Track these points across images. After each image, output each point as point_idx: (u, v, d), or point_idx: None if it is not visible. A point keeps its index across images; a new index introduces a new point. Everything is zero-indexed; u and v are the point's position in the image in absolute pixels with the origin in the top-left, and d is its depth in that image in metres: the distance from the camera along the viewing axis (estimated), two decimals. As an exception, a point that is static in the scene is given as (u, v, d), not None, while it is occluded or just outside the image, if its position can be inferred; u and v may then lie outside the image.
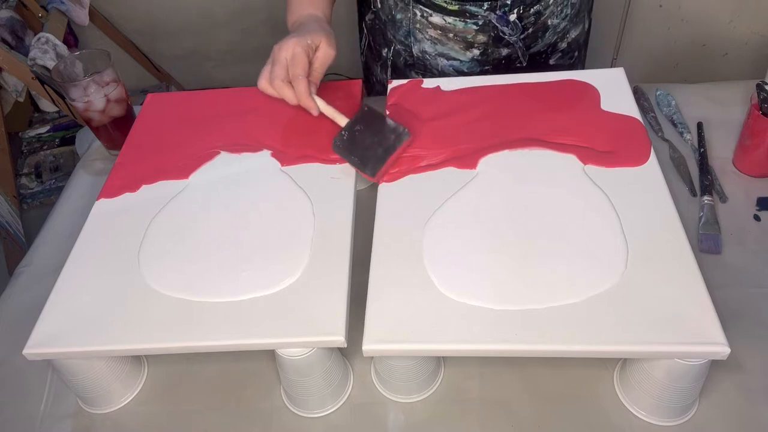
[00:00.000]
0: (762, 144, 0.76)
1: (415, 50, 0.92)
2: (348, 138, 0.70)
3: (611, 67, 0.82)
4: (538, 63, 0.93)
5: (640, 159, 0.67)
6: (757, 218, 0.75)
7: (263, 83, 0.73)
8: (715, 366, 0.56)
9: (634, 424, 0.59)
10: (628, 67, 0.80)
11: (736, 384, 0.60)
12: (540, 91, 0.77)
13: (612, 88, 0.76)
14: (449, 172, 0.68)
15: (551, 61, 0.95)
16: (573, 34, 0.94)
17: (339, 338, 0.55)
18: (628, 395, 0.60)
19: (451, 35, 0.88)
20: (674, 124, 0.87)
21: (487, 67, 0.92)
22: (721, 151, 0.83)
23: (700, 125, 0.86)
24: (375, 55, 1.00)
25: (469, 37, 0.88)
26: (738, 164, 0.81)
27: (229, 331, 0.57)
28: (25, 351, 0.58)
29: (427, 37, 0.89)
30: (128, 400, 0.66)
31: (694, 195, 0.78)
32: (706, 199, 0.76)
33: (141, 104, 0.87)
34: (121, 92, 0.89)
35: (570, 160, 0.68)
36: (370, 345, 0.55)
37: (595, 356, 0.60)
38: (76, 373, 0.61)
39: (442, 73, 0.93)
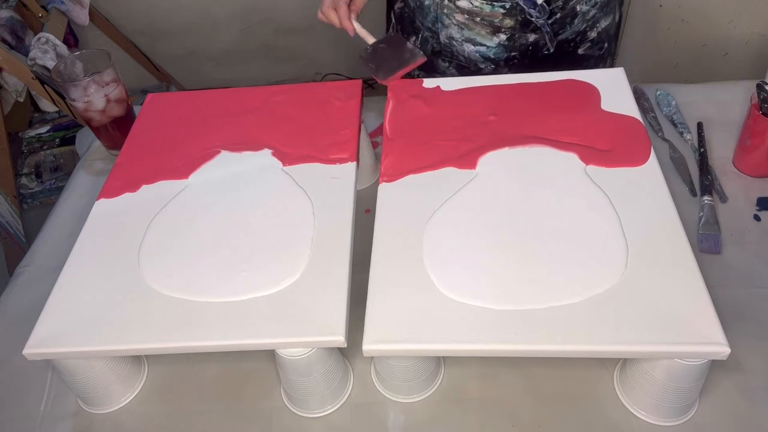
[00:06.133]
0: (762, 144, 0.76)
1: (442, 36, 0.93)
2: (371, 52, 0.85)
3: (611, 67, 0.82)
4: (566, 52, 0.93)
5: (640, 159, 0.67)
6: (757, 218, 0.75)
7: (319, 14, 0.87)
8: (715, 366, 0.56)
9: (634, 424, 0.59)
10: (628, 67, 0.80)
11: (736, 384, 0.60)
12: (540, 92, 0.77)
13: (612, 88, 0.76)
14: (449, 172, 0.68)
15: (580, 51, 0.94)
16: (603, 23, 0.94)
17: (339, 338, 0.55)
18: (628, 395, 0.60)
19: (477, 19, 0.88)
20: (674, 124, 0.87)
21: (513, 53, 0.91)
22: (721, 151, 0.83)
23: (700, 125, 0.86)
24: None
25: (496, 21, 0.88)
26: (738, 164, 0.81)
27: (229, 331, 0.57)
28: (25, 351, 0.58)
29: (454, 22, 0.90)
30: (128, 400, 0.66)
31: (694, 195, 0.78)
32: (706, 199, 0.76)
33: (141, 104, 0.87)
34: (121, 92, 0.89)
35: (571, 159, 0.68)
36: (370, 345, 0.55)
37: (595, 356, 0.60)
38: (76, 373, 0.61)
39: (469, 60, 0.94)
